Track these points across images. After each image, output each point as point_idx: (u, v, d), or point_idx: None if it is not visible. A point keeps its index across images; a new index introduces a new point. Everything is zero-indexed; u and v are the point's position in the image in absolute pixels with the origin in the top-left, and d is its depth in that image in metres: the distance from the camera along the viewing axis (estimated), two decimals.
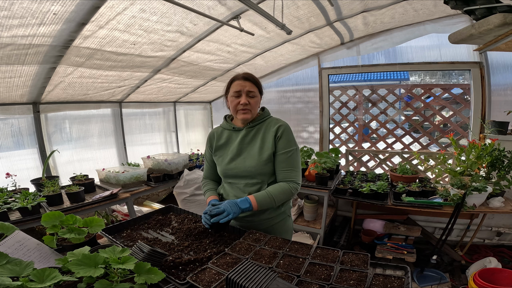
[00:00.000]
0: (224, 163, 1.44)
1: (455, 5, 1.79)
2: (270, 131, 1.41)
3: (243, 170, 1.40)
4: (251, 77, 1.41)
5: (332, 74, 3.63)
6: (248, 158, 1.40)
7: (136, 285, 0.83)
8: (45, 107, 2.61)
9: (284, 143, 1.38)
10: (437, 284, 2.33)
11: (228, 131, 1.49)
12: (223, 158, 1.46)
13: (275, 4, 2.00)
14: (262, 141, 1.41)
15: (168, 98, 3.86)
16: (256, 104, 1.42)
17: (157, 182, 2.90)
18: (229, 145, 1.47)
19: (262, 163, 1.38)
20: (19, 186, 2.29)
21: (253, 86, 1.39)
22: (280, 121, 1.45)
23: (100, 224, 1.18)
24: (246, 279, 0.79)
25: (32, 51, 1.78)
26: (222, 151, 1.48)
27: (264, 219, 1.44)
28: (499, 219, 2.68)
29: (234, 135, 1.47)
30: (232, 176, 1.44)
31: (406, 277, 0.92)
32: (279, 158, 1.38)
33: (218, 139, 1.50)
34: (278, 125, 1.41)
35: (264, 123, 1.45)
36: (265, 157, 1.38)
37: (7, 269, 0.74)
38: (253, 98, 1.40)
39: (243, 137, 1.43)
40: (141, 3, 1.66)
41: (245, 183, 1.42)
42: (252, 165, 1.38)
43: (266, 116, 1.48)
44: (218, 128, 1.55)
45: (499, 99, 2.85)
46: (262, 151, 1.39)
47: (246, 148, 1.42)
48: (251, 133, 1.44)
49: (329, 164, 2.83)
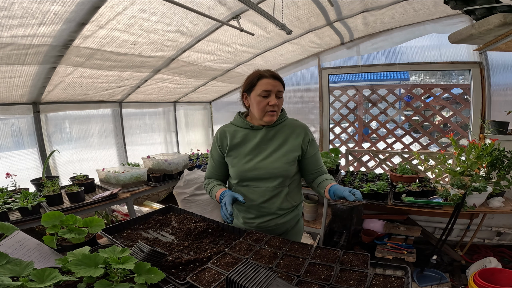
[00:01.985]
0: (241, 164, 1.34)
1: (455, 5, 1.79)
2: (295, 132, 1.37)
3: (265, 171, 1.32)
4: (278, 75, 1.33)
5: (332, 74, 3.63)
6: (269, 159, 1.32)
7: (136, 285, 0.83)
8: (45, 107, 2.61)
9: (314, 146, 1.40)
10: (437, 284, 2.33)
11: (243, 129, 1.39)
12: (239, 159, 1.35)
13: (275, 4, 2.00)
14: (284, 141, 1.35)
15: (168, 98, 3.86)
16: (282, 104, 1.37)
17: (157, 182, 2.90)
18: (245, 145, 1.36)
19: (288, 164, 1.33)
20: (19, 186, 2.29)
21: (281, 86, 1.33)
22: (300, 122, 1.43)
23: (100, 224, 1.18)
24: (246, 279, 0.79)
25: (32, 51, 1.78)
26: (237, 151, 1.37)
27: (281, 223, 1.40)
28: (499, 219, 2.67)
29: (251, 134, 1.37)
30: (250, 179, 1.34)
31: (406, 277, 0.92)
32: (313, 158, 1.39)
33: (233, 138, 1.38)
34: (304, 128, 1.40)
35: (283, 123, 1.40)
36: (291, 158, 1.33)
37: (7, 269, 0.74)
38: (280, 99, 1.34)
39: (263, 137, 1.35)
40: (141, 3, 1.66)
41: (266, 186, 1.34)
42: (275, 166, 1.31)
43: (285, 117, 1.43)
44: (230, 126, 1.43)
45: (499, 99, 2.85)
46: (288, 152, 1.34)
47: (267, 149, 1.35)
48: (270, 132, 1.36)
49: (329, 164, 2.83)
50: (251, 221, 1.40)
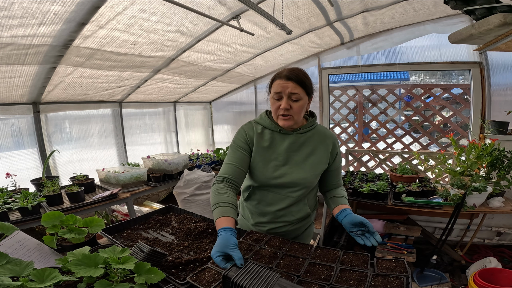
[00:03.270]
0: (267, 170, 1.25)
1: (455, 5, 1.79)
2: (325, 143, 1.28)
3: (290, 181, 1.25)
4: (296, 75, 1.16)
5: (332, 74, 3.63)
6: (296, 169, 1.25)
7: (136, 285, 0.83)
8: (45, 107, 2.61)
9: (339, 158, 1.33)
10: (437, 284, 2.32)
11: (270, 131, 1.28)
12: (264, 164, 1.26)
13: (275, 4, 2.00)
14: (313, 151, 1.27)
15: (168, 98, 3.86)
16: (301, 109, 1.19)
17: (157, 182, 2.90)
18: (272, 149, 1.27)
19: (315, 176, 1.28)
20: (19, 186, 2.29)
21: (297, 87, 1.15)
22: (330, 131, 1.34)
23: (100, 224, 1.18)
24: (248, 280, 0.79)
25: (32, 51, 1.78)
26: (264, 155, 1.26)
27: (292, 229, 1.37)
28: (499, 219, 2.67)
29: (279, 138, 1.27)
30: (274, 186, 1.28)
31: (406, 277, 0.92)
32: (336, 172, 1.34)
33: (260, 139, 1.27)
34: (334, 140, 1.30)
35: (313, 131, 1.30)
36: (319, 171, 1.27)
37: (7, 269, 0.74)
38: (297, 102, 1.17)
39: (291, 143, 1.26)
40: (141, 3, 1.66)
41: (287, 195, 1.29)
42: (303, 177, 1.25)
43: (315, 123, 1.32)
44: (256, 124, 1.31)
45: (499, 99, 2.85)
46: (316, 163, 1.26)
47: (294, 157, 1.26)
48: (300, 139, 1.27)
49: None
50: (263, 225, 1.37)
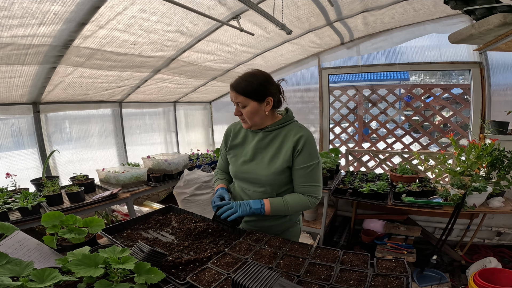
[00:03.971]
0: (237, 165, 1.38)
1: (455, 5, 1.79)
2: (289, 140, 1.27)
3: (254, 177, 1.32)
4: (238, 85, 1.23)
5: (332, 74, 3.63)
6: (260, 165, 1.31)
7: (136, 285, 0.83)
8: (45, 107, 2.61)
9: (304, 157, 1.25)
10: (437, 284, 2.33)
11: (245, 130, 1.40)
12: (236, 159, 1.39)
13: (275, 4, 2.00)
14: (278, 149, 1.29)
15: (168, 98, 3.86)
16: (250, 114, 1.25)
17: (157, 182, 2.89)
18: (244, 146, 1.38)
19: (274, 174, 1.27)
20: (19, 186, 2.29)
21: (239, 96, 1.23)
22: (302, 129, 1.30)
23: (100, 224, 1.18)
24: (250, 280, 0.79)
25: (32, 51, 1.78)
26: (236, 150, 1.40)
27: (267, 226, 1.38)
28: (499, 219, 2.68)
29: (251, 136, 1.38)
30: (242, 180, 1.39)
31: (405, 277, 0.92)
32: (298, 172, 1.27)
33: (235, 137, 1.42)
34: (299, 135, 1.25)
35: (285, 128, 1.31)
36: (278, 168, 1.27)
37: (7, 269, 0.74)
38: (244, 108, 1.25)
39: (259, 141, 1.33)
40: (141, 3, 1.66)
41: (253, 190, 1.35)
42: (263, 174, 1.29)
43: (289, 120, 1.33)
44: (237, 124, 1.45)
45: (499, 99, 2.85)
46: (275, 161, 1.28)
47: (261, 154, 1.33)
48: (268, 137, 1.32)
49: (329, 164, 2.83)
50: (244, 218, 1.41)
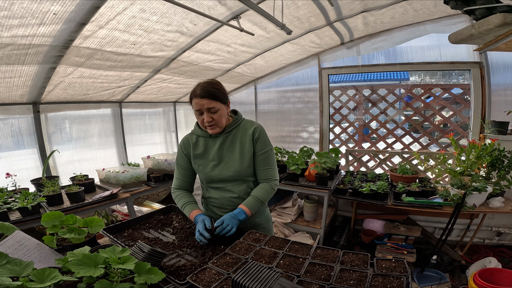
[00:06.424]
0: (207, 171, 1.45)
1: (455, 5, 1.79)
2: (247, 134, 1.43)
3: (228, 175, 1.43)
4: (208, 92, 1.31)
5: (332, 74, 3.63)
6: (231, 164, 1.42)
7: (136, 285, 0.83)
8: (45, 107, 2.61)
9: (261, 144, 1.43)
10: (437, 284, 2.33)
11: (204, 138, 1.47)
12: (204, 166, 1.46)
13: (275, 4, 2.00)
14: (241, 145, 1.43)
15: (168, 98, 3.86)
16: (221, 117, 1.37)
17: (157, 182, 2.89)
18: (208, 153, 1.46)
19: (245, 167, 1.42)
20: (19, 186, 2.29)
21: (212, 102, 1.32)
22: (254, 123, 1.48)
23: (100, 224, 1.18)
24: (250, 280, 0.79)
25: (32, 51, 1.78)
26: (201, 159, 1.47)
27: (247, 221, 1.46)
28: (499, 219, 2.68)
29: (211, 142, 1.46)
30: (217, 181, 1.46)
31: (405, 277, 0.92)
32: (258, 158, 1.44)
33: (195, 147, 1.48)
34: (254, 127, 1.44)
35: (239, 127, 1.46)
36: (247, 160, 1.42)
37: (7, 269, 0.74)
38: (216, 113, 1.34)
39: (221, 144, 1.44)
40: (141, 3, 1.65)
41: (232, 184, 1.45)
42: (236, 169, 1.41)
43: (240, 120, 1.49)
44: (192, 135, 1.51)
45: (499, 99, 2.85)
46: (243, 155, 1.42)
47: (227, 154, 1.44)
48: (228, 138, 1.44)
49: (329, 164, 2.83)
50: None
